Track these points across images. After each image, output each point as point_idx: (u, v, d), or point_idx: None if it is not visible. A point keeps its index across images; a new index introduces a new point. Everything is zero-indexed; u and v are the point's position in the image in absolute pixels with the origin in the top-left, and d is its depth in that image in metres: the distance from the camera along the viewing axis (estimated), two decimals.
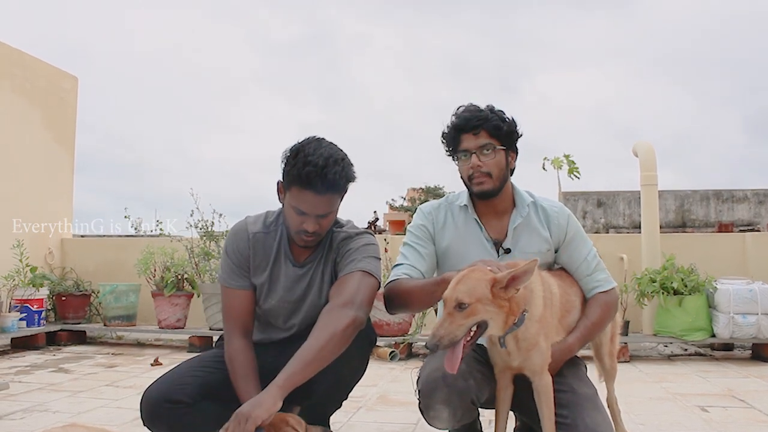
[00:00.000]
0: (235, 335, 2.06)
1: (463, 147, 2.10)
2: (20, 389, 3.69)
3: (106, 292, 5.70)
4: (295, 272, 2.14)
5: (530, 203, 2.18)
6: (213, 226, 5.59)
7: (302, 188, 1.91)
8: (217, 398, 2.06)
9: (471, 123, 2.08)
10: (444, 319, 1.68)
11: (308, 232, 1.98)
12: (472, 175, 2.09)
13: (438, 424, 1.95)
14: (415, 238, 2.19)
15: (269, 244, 2.15)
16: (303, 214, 1.96)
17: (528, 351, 1.86)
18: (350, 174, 1.98)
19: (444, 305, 1.71)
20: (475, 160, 2.07)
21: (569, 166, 6.15)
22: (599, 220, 17.72)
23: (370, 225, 23.54)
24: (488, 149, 2.07)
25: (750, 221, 16.97)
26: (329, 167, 1.89)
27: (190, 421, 1.99)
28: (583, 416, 1.86)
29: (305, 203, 1.94)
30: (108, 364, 4.73)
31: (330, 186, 1.90)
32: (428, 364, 2.00)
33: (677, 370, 4.43)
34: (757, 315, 4.65)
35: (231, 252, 2.15)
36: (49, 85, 6.54)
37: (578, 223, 2.22)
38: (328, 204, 1.96)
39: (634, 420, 2.94)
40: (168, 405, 1.95)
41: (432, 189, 34.46)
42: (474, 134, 2.08)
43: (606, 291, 2.15)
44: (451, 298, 1.68)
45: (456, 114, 2.13)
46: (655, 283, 4.86)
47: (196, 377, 2.05)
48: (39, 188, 6.33)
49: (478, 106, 2.13)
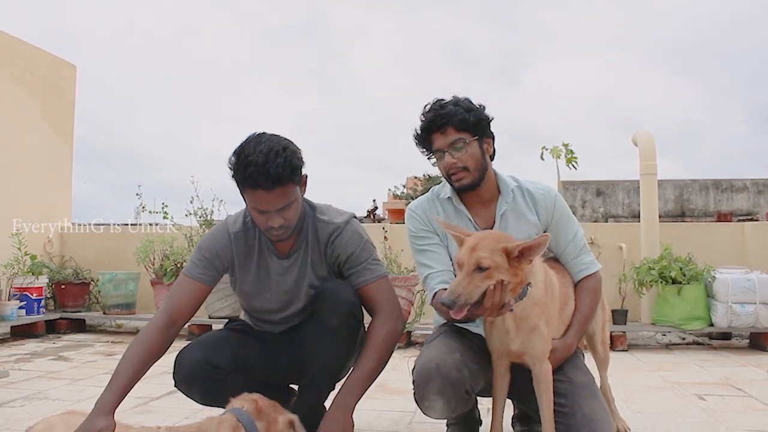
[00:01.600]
0: (163, 315, 2.00)
1: (435, 147, 2.09)
2: (20, 377, 3.71)
3: (105, 281, 5.70)
4: (281, 265, 2.14)
5: (515, 188, 2.17)
6: (212, 214, 5.59)
7: (252, 189, 1.89)
8: (245, 372, 2.12)
9: (436, 123, 2.06)
10: (463, 278, 1.70)
11: (275, 228, 1.96)
12: (449, 172, 2.08)
13: (433, 414, 1.96)
14: (424, 241, 2.17)
15: (250, 242, 2.14)
16: (263, 213, 1.94)
17: (528, 333, 1.87)
18: (295, 162, 1.92)
19: (461, 266, 1.72)
20: (449, 158, 2.06)
21: (568, 156, 6.14)
22: (598, 210, 17.70)
23: (369, 213, 23.53)
24: (459, 144, 2.05)
25: (749, 211, 16.95)
26: (270, 162, 1.85)
27: (221, 388, 2.02)
28: (581, 404, 1.87)
29: (260, 202, 1.91)
30: (107, 352, 4.75)
31: (276, 180, 1.86)
32: (423, 354, 2.01)
33: (675, 359, 4.45)
34: (755, 304, 4.66)
35: (204, 247, 2.12)
36: (48, 74, 6.49)
37: (565, 204, 2.21)
38: (282, 196, 1.91)
39: (631, 408, 2.95)
40: (208, 368, 2.03)
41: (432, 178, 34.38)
42: (442, 133, 2.06)
43: (591, 275, 2.17)
44: (471, 260, 1.71)
45: (422, 115, 2.11)
46: (654, 272, 4.86)
47: (233, 348, 2.10)
48: (38, 179, 6.30)
49: (442, 101, 2.10)
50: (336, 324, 2.01)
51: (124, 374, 1.83)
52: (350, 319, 2.04)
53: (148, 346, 1.92)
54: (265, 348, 2.23)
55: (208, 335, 2.22)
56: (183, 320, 2.03)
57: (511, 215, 2.14)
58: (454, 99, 2.09)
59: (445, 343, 2.02)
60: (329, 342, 2.02)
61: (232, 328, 2.31)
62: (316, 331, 2.04)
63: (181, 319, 2.02)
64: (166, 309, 2.02)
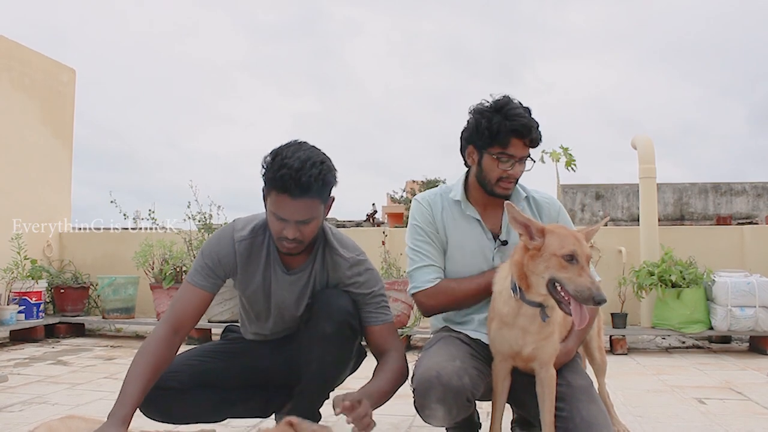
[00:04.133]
0: (166, 325, 1.97)
1: (510, 152, 2.04)
2: (19, 381, 3.70)
3: (104, 285, 5.70)
4: (285, 279, 2.11)
5: (524, 198, 2.19)
6: (211, 218, 5.59)
7: (278, 192, 1.85)
8: (212, 386, 2.10)
9: (531, 134, 2.02)
10: (586, 273, 1.69)
11: (288, 239, 1.93)
12: (504, 178, 2.06)
13: (434, 422, 1.95)
14: (425, 234, 2.17)
15: (256, 250, 2.10)
16: (282, 220, 1.90)
17: (545, 339, 1.88)
18: (328, 178, 1.90)
19: (579, 258, 1.71)
20: (517, 168, 2.06)
21: (567, 159, 6.13)
22: (598, 213, 17.70)
23: (368, 217, 23.55)
24: (526, 159, 2.07)
25: (748, 214, 16.95)
26: (305, 170, 1.82)
27: (181, 407, 2.03)
28: (579, 408, 1.87)
29: (282, 209, 1.88)
30: (106, 356, 4.74)
31: (305, 190, 1.83)
32: (422, 361, 2.00)
33: (675, 363, 4.44)
34: (754, 308, 4.66)
35: (207, 254, 2.09)
36: (47, 79, 6.50)
37: (567, 215, 2.23)
38: (305, 209, 1.88)
39: (632, 412, 2.95)
40: (159, 392, 1.97)
41: (432, 182, 34.36)
42: (525, 144, 2.04)
43: None
44: (586, 253, 1.73)
45: (507, 113, 2.02)
46: (654, 276, 4.86)
47: (190, 365, 2.07)
48: (37, 183, 6.30)
49: (529, 109, 2.07)
50: (330, 331, 1.99)
51: (132, 386, 1.79)
52: (345, 327, 2.02)
53: (154, 358, 1.88)
54: (252, 354, 2.23)
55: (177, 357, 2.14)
56: (186, 329, 2.01)
57: None
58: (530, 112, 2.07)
59: (445, 350, 2.01)
60: (323, 349, 2.01)
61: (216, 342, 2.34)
62: (310, 338, 2.03)
63: (184, 328, 2.00)
64: (169, 318, 1.99)
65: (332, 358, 2.04)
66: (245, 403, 2.24)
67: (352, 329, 2.05)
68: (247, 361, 2.21)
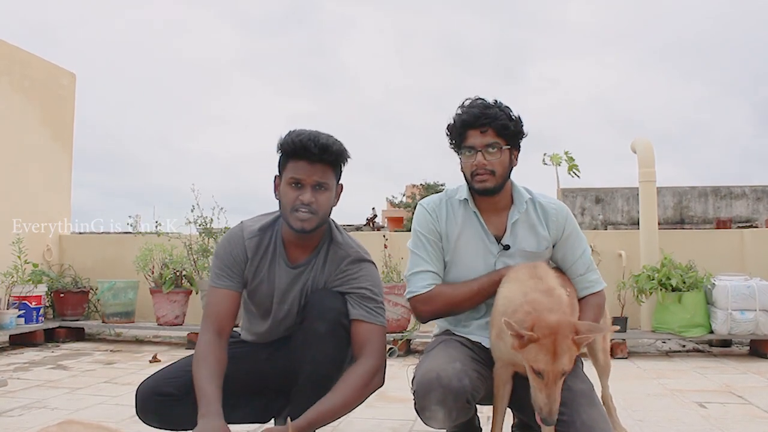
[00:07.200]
0: (209, 331, 2.02)
1: (468, 143, 2.08)
2: (18, 386, 3.69)
3: (104, 289, 5.69)
4: (288, 273, 2.13)
5: (528, 200, 2.17)
6: (212, 222, 5.58)
7: (297, 159, 1.97)
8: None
9: (479, 120, 2.05)
10: (552, 391, 1.70)
11: (304, 204, 1.97)
12: (475, 171, 2.08)
13: (434, 424, 1.95)
14: (427, 239, 2.17)
15: (264, 245, 2.14)
16: (299, 186, 1.98)
17: None
18: (344, 150, 2.04)
19: (544, 375, 1.70)
20: (480, 158, 2.06)
21: (569, 164, 6.14)
22: (597, 217, 17.71)
23: (368, 221, 23.53)
24: (494, 148, 2.05)
25: (748, 218, 16.97)
26: (322, 135, 1.98)
27: (179, 413, 2.02)
28: (580, 413, 1.86)
29: (300, 171, 1.97)
30: (106, 360, 4.73)
31: (323, 149, 1.95)
32: (423, 363, 2.00)
33: (675, 367, 4.44)
34: (755, 311, 4.65)
35: (222, 255, 2.13)
36: (47, 82, 6.51)
37: (575, 221, 2.22)
38: (322, 172, 1.99)
39: (632, 416, 2.95)
40: (158, 398, 2.02)
41: (432, 185, 34.36)
42: (481, 132, 2.05)
43: (597, 293, 2.18)
44: (556, 370, 1.69)
45: (463, 108, 2.10)
46: (654, 280, 4.86)
47: (188, 371, 2.07)
48: (37, 187, 6.30)
49: (486, 101, 2.10)
50: (323, 331, 1.99)
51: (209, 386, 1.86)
52: (338, 327, 2.02)
53: (214, 357, 1.95)
54: (250, 358, 2.23)
55: (174, 363, 2.19)
56: (227, 330, 2.07)
57: (522, 226, 2.15)
58: (497, 103, 2.10)
59: (445, 353, 2.01)
60: (316, 349, 2.00)
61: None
62: (303, 338, 2.04)
63: (225, 330, 2.05)
64: (207, 325, 2.04)
65: (325, 357, 2.03)
66: (244, 408, 2.24)
67: (345, 329, 2.05)
68: (245, 366, 2.21)
